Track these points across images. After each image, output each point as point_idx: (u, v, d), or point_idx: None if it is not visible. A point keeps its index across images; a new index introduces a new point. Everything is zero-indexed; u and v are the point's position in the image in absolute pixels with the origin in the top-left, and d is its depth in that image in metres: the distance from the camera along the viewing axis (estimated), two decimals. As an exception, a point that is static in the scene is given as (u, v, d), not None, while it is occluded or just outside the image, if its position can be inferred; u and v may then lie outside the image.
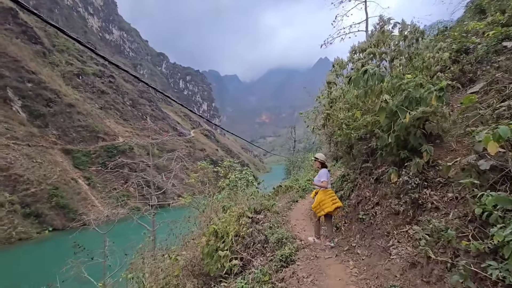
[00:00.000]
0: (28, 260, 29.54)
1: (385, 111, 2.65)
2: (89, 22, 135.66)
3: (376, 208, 3.71)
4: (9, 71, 52.15)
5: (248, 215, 4.57)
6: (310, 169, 15.14)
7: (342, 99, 4.17)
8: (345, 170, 5.50)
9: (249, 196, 5.91)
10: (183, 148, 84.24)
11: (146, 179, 16.27)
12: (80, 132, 60.19)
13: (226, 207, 4.78)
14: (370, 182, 4.16)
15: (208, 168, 6.88)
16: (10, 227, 36.99)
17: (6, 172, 41.33)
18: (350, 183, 5.02)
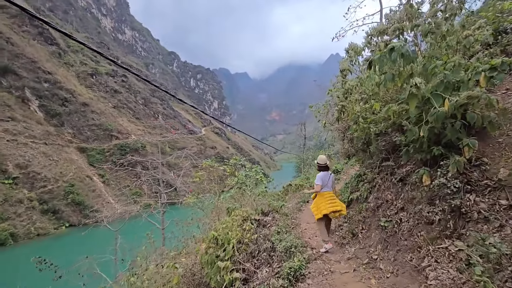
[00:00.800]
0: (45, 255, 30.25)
1: (416, 98, 2.16)
2: (102, 22, 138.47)
3: (400, 214, 3.18)
4: (27, 72, 53.79)
5: (254, 217, 4.17)
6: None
7: (358, 89, 3.68)
8: (361, 169, 4.98)
9: (257, 196, 5.51)
10: (194, 146, 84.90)
11: (156, 177, 16.19)
12: (94, 130, 61.52)
13: (230, 209, 4.41)
14: (392, 183, 3.64)
15: (214, 166, 6.53)
16: (29, 223, 38.15)
17: (24, 170, 42.64)
18: (367, 184, 4.49)
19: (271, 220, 4.66)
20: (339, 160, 16.44)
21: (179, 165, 22.86)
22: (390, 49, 2.14)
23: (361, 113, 3.44)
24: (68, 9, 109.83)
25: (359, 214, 4.22)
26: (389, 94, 3.31)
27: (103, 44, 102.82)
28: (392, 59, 2.13)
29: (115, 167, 34.12)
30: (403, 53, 2.08)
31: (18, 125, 47.41)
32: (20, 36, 59.08)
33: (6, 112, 47.19)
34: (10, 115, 47.13)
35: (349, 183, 5.61)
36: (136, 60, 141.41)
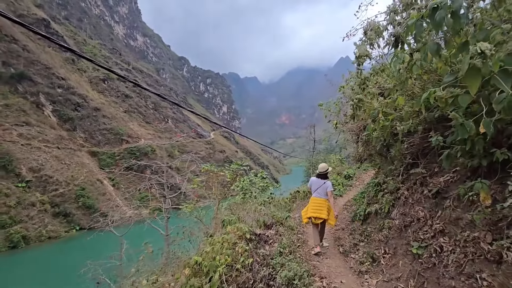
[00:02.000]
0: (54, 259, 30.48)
1: (480, 74, 1.47)
2: (115, 29, 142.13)
3: (440, 239, 2.40)
4: (42, 78, 55.28)
5: (254, 232, 3.54)
6: (331, 172, 13.79)
7: (378, 79, 3.03)
8: (380, 176, 4.24)
9: (259, 206, 4.88)
10: (203, 150, 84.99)
11: (160, 182, 15.79)
12: (105, 134, 62.43)
13: (226, 222, 3.81)
14: (423, 196, 2.88)
15: (213, 172, 5.94)
16: (41, 225, 38.61)
17: (37, 173, 43.38)
18: (389, 195, 3.75)
19: (274, 234, 4.03)
20: (350, 165, 15.56)
21: (189, 169, 22.47)
22: (433, 9, 1.50)
23: (381, 109, 2.78)
24: (82, 17, 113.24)
25: (380, 232, 3.47)
26: (419, 84, 2.63)
27: (115, 50, 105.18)
28: (437, 20, 1.48)
29: (120, 171, 34.20)
30: (454, 11, 1.43)
31: (32, 130, 48.49)
32: (36, 43, 60.92)
33: (21, 117, 48.41)
34: (25, 120, 48.30)
35: (365, 192, 4.87)
36: (147, 65, 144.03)
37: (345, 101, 5.17)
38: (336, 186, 10.23)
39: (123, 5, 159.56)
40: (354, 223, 4.82)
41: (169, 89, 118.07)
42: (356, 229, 4.49)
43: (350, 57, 5.79)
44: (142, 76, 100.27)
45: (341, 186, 10.46)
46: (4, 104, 46.52)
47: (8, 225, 34.37)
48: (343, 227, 5.30)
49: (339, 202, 8.07)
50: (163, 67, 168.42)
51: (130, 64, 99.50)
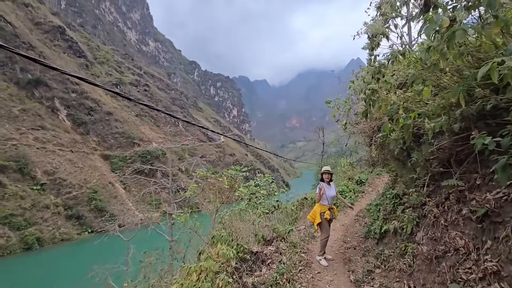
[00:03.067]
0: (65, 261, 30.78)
1: None
2: (128, 35, 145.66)
3: (496, 285, 1.70)
4: (56, 83, 56.91)
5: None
6: (343, 177, 13.01)
7: (396, 67, 2.41)
8: (399, 185, 3.55)
9: (258, 218, 4.31)
10: (213, 153, 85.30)
11: (165, 186, 15.47)
12: (117, 138, 63.52)
13: (216, 239, 3.27)
14: (462, 218, 2.18)
15: (212, 177, 5.43)
16: (54, 228, 39.30)
17: (52, 176, 44.36)
18: (412, 210, 3.04)
19: (273, 252, 3.47)
20: (362, 169, 14.67)
21: (195, 173, 22.15)
22: None
23: (402, 104, 2.19)
24: (96, 23, 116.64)
25: (401, 258, 2.77)
26: (450, 70, 2.03)
27: (127, 56, 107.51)
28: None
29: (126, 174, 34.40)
30: None
31: (47, 134, 49.78)
32: (52, 49, 62.93)
33: (37, 121, 49.80)
34: (41, 124, 49.64)
35: (381, 205, 4.15)
36: (159, 70, 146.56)
37: (356, 98, 4.56)
38: (347, 193, 9.49)
39: (135, 11, 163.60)
40: (367, 242, 4.15)
41: (180, 93, 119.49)
42: (370, 249, 3.82)
43: (361, 59, 5.17)
44: (153, 80, 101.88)
45: (352, 193, 9.71)
46: (21, 109, 47.98)
47: (23, 227, 35.11)
48: (354, 245, 4.59)
49: (350, 212, 7.37)
50: (174, 72, 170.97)
51: (142, 69, 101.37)
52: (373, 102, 2.25)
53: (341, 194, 9.13)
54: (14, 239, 33.24)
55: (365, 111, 2.36)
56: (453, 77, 2.08)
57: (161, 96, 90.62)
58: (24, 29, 57.51)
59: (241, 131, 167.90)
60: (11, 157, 39.11)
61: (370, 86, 2.13)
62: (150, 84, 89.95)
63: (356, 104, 4.65)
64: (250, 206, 8.18)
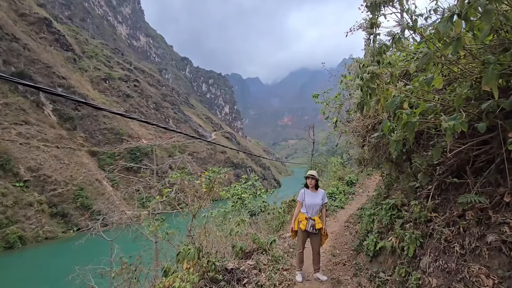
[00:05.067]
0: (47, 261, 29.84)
1: None
2: (118, 29, 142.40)
3: None
4: (42, 77, 54.92)
5: (225, 266, 2.46)
6: (333, 177, 12.64)
7: (401, 48, 1.93)
8: (396, 194, 3.07)
9: (235, 228, 3.80)
10: (204, 151, 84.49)
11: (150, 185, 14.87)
12: (105, 134, 62.14)
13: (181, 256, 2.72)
14: (487, 246, 1.68)
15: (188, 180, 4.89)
16: (38, 226, 38.22)
17: (36, 173, 42.97)
18: (414, 227, 2.53)
19: (251, 268, 2.99)
20: (352, 168, 14.32)
21: (189, 169, 21.56)
22: None
23: (407, 96, 1.73)
24: (85, 17, 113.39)
25: (401, 287, 2.30)
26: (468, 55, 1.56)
27: (117, 50, 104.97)
28: None
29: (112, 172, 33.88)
30: None
31: (32, 129, 48.10)
32: (37, 42, 60.60)
33: (21, 116, 48.03)
34: (24, 119, 47.90)
35: (375, 214, 3.64)
36: (150, 65, 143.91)
37: (348, 94, 4.11)
38: (337, 195, 9.10)
39: (126, 5, 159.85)
40: (359, 257, 3.69)
41: (171, 89, 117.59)
42: (362, 267, 3.36)
43: (354, 56, 4.82)
44: (144, 76, 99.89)
45: (342, 195, 9.31)
46: (4, 102, 46.10)
47: (4, 225, 34.03)
48: (344, 260, 4.10)
49: (340, 216, 6.94)
50: (166, 68, 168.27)
51: (132, 64, 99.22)
52: (372, 91, 1.76)
53: (331, 197, 8.72)
54: (-6, 238, 32.05)
55: (360, 102, 1.87)
56: (473, 60, 1.63)
57: (151, 92, 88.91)
58: (8, 20, 55.09)
59: (233, 129, 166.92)
60: (-8, 153, 37.58)
61: (370, 68, 1.64)
62: (141, 80, 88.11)
63: (348, 100, 4.19)
64: (236, 208, 7.70)
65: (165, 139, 20.57)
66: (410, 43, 2.21)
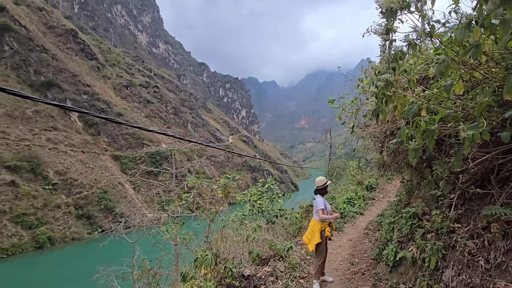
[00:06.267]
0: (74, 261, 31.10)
1: None
2: (139, 38, 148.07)
3: None
4: (69, 85, 58.15)
5: (241, 273, 2.48)
6: (352, 181, 12.32)
7: (418, 55, 1.85)
8: (417, 202, 2.95)
9: (252, 234, 3.81)
10: (222, 154, 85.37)
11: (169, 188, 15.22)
12: (127, 139, 64.38)
13: (199, 262, 2.75)
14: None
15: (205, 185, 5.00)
16: (65, 227, 39.97)
17: (63, 176, 45.18)
18: (435, 237, 2.42)
19: (268, 275, 2.99)
20: (372, 171, 13.88)
21: (206, 173, 21.99)
22: None
23: (424, 103, 1.67)
24: (108, 27, 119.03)
25: None
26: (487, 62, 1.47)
27: (138, 58, 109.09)
28: None
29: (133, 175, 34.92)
30: None
31: (59, 135, 50.80)
32: (65, 52, 64.35)
33: (50, 122, 50.88)
34: (53, 125, 50.69)
35: (395, 223, 3.52)
36: (169, 71, 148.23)
37: (365, 98, 4.02)
38: (356, 201, 8.84)
39: (146, 14, 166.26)
40: (379, 266, 3.57)
41: (189, 94, 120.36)
42: (382, 277, 3.25)
43: (371, 58, 4.72)
44: (163, 82, 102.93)
45: (361, 201, 9.04)
46: (34, 110, 49.11)
47: (35, 226, 35.78)
48: (363, 269, 3.98)
49: (359, 223, 6.73)
50: (184, 73, 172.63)
51: (152, 71, 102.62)
52: (387, 98, 1.73)
53: (350, 202, 8.52)
54: (26, 238, 33.90)
55: (375, 109, 1.83)
56: (496, 65, 1.55)
57: (170, 97, 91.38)
58: (38, 33, 58.98)
59: (250, 132, 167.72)
60: (24, 158, 40.00)
61: (384, 76, 1.61)
62: (160, 86, 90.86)
63: (365, 105, 4.10)
64: (253, 212, 7.71)
65: (183, 144, 21.06)
66: (428, 47, 2.14)
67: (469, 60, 1.59)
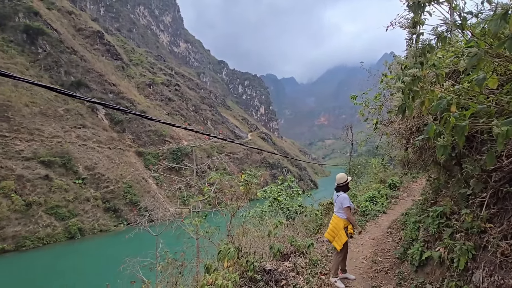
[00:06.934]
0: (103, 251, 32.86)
1: None
2: (160, 37, 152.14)
3: None
4: (96, 84, 61.11)
5: (263, 267, 2.53)
6: (374, 179, 11.97)
7: (448, 48, 1.75)
8: (445, 201, 2.82)
9: (273, 230, 3.86)
10: (241, 151, 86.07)
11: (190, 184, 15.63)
12: (150, 136, 66.66)
13: (222, 255, 2.84)
14: None
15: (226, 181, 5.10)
16: (94, 219, 42.30)
17: (92, 171, 47.72)
18: (465, 238, 2.32)
19: (289, 270, 3.02)
20: (395, 170, 13.39)
21: (227, 170, 22.36)
22: None
23: (454, 98, 1.60)
24: (132, 27, 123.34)
25: None
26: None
27: (160, 57, 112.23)
28: None
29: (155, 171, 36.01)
30: None
31: (88, 132, 53.62)
32: (92, 53, 67.62)
33: (79, 120, 53.83)
34: (82, 123, 53.60)
35: (421, 222, 3.40)
36: (189, 70, 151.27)
37: (389, 94, 3.90)
38: (379, 199, 8.60)
39: (167, 14, 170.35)
40: (403, 266, 3.47)
41: (209, 92, 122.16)
42: (406, 277, 3.16)
43: (395, 52, 4.50)
44: (184, 80, 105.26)
45: (384, 199, 8.78)
46: (65, 108, 52.15)
47: (66, 217, 38.19)
48: (387, 268, 3.88)
49: (382, 222, 6.55)
50: (204, 71, 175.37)
51: (173, 69, 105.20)
52: (414, 93, 1.67)
53: (372, 201, 8.32)
54: (59, 229, 36.30)
55: (401, 105, 1.76)
56: None
57: (191, 95, 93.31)
58: (68, 35, 62.36)
59: (268, 129, 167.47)
60: (57, 153, 42.69)
61: (411, 71, 1.56)
62: (181, 84, 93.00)
63: (389, 101, 3.97)
64: (272, 208, 7.77)
65: (203, 141, 21.48)
66: (458, 40, 2.04)
67: (504, 53, 1.51)
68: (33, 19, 56.42)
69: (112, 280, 8.75)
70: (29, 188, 36.49)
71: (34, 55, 55.41)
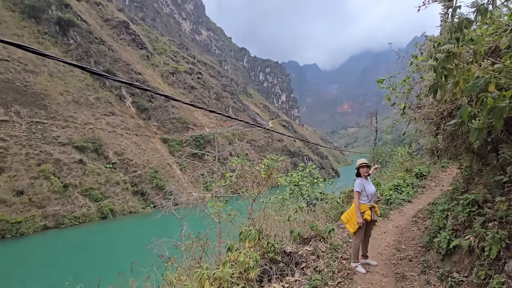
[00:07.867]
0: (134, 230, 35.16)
1: None
2: (182, 26, 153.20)
3: None
4: (123, 73, 63.40)
5: (283, 249, 2.59)
6: (399, 168, 11.54)
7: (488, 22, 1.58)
8: (478, 189, 2.66)
9: (294, 214, 3.90)
10: (262, 139, 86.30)
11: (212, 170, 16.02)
12: (174, 123, 68.65)
13: (243, 236, 2.93)
14: None
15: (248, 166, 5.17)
16: (124, 201, 45.02)
17: (121, 157, 50.38)
18: (499, 227, 2.22)
19: (310, 253, 3.06)
20: (423, 159, 12.79)
21: (248, 156, 22.71)
22: None
23: (491, 78, 1.47)
24: (155, 16, 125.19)
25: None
26: None
27: (182, 45, 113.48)
28: None
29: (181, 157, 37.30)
30: None
31: (117, 119, 56.25)
32: (119, 43, 69.85)
33: (108, 108, 56.51)
34: (111, 110, 56.25)
35: (449, 210, 3.25)
36: (211, 58, 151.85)
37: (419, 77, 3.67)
38: (404, 188, 8.31)
39: (189, 2, 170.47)
40: (428, 254, 3.36)
41: (230, 80, 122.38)
42: (432, 265, 3.06)
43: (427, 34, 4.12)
44: (205, 68, 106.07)
45: (410, 188, 8.47)
46: (96, 97, 54.90)
47: (99, 199, 41.05)
48: (410, 255, 3.78)
49: (407, 211, 6.34)
50: (225, 59, 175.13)
51: (195, 58, 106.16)
52: (448, 72, 1.55)
53: (396, 189, 8.06)
54: (93, 209, 39.18)
55: (433, 85, 1.64)
56: None
57: (212, 83, 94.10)
58: (96, 26, 64.70)
59: (289, 117, 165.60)
60: (89, 139, 45.48)
61: (445, 47, 1.44)
62: (203, 72, 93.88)
63: (419, 84, 3.74)
64: (293, 195, 7.81)
65: (225, 127, 21.78)
66: (501, 13, 1.85)
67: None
68: (64, 11, 59.04)
69: (141, 257, 9.45)
70: (65, 171, 39.41)
71: (66, 46, 58.35)
